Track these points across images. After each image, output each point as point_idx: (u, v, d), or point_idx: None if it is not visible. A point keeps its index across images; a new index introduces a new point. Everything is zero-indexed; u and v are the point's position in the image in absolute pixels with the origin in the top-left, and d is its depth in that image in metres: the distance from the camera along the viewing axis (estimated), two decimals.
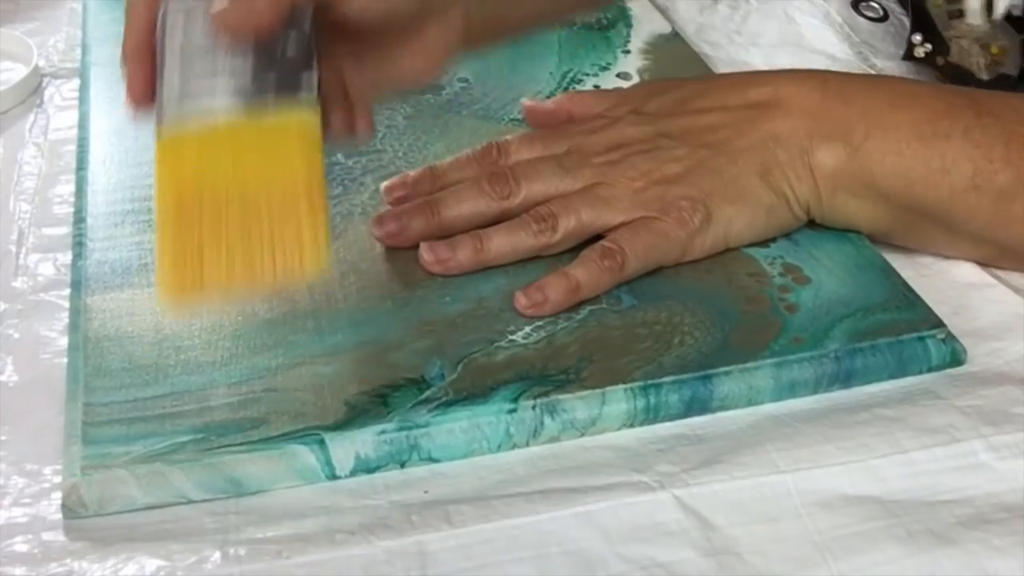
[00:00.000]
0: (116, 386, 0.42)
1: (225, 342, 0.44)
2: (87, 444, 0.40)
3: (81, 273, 0.47)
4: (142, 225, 0.50)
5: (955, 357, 0.45)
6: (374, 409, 0.41)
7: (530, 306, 0.45)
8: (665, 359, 0.44)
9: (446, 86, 0.61)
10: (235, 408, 0.41)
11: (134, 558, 0.38)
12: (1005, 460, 0.41)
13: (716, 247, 0.49)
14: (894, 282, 0.48)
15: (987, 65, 0.58)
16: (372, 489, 0.40)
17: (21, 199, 0.55)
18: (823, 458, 0.41)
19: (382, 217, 0.49)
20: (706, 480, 0.40)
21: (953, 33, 0.59)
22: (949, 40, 0.60)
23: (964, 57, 0.59)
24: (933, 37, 0.60)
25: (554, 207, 0.48)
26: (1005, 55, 0.57)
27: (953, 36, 0.59)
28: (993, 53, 0.57)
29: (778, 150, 0.49)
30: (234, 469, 0.40)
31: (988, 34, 0.58)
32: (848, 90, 0.49)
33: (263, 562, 0.37)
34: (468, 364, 0.43)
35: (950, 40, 0.59)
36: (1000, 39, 0.58)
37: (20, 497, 0.40)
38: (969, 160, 0.47)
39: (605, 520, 0.39)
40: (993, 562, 0.37)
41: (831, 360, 0.44)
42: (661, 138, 0.50)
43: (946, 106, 0.48)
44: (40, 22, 0.70)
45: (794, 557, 0.38)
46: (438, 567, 0.37)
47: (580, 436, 0.42)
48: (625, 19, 0.69)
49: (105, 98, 0.60)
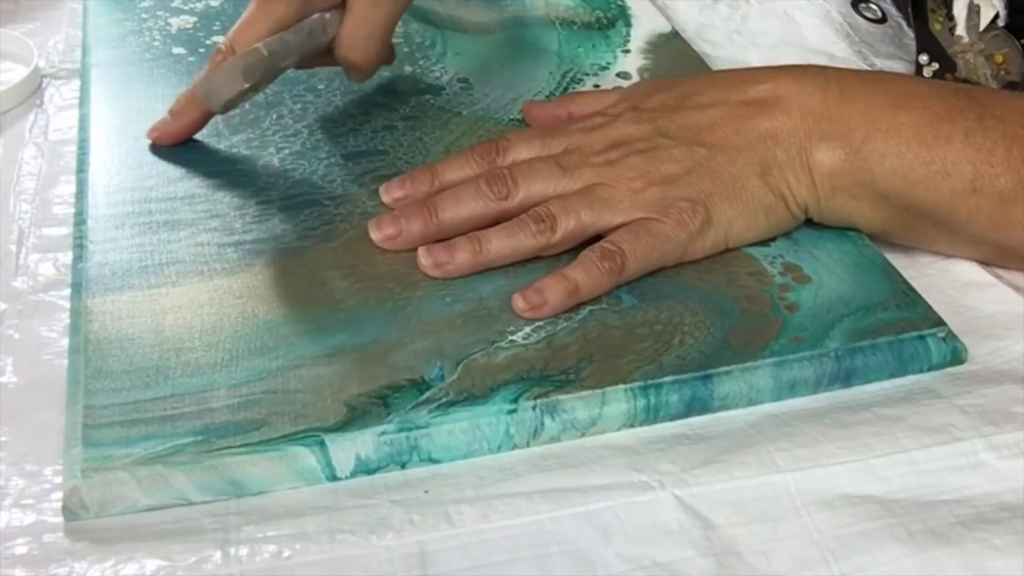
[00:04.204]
0: (117, 388, 0.42)
1: (225, 344, 0.44)
2: (88, 446, 0.40)
3: (82, 275, 0.47)
4: (142, 227, 0.50)
5: (956, 356, 0.45)
6: (374, 410, 0.41)
7: (529, 309, 0.45)
8: (665, 359, 0.44)
9: (446, 86, 0.61)
10: (235, 410, 0.41)
11: (134, 558, 0.38)
12: (1006, 460, 0.41)
13: (716, 248, 0.48)
14: (894, 281, 0.48)
15: (994, 75, 0.58)
16: (372, 489, 0.40)
17: (21, 199, 0.55)
18: (823, 457, 0.41)
19: (380, 220, 0.49)
20: (706, 480, 0.40)
21: (957, 49, 0.59)
22: (954, 56, 0.60)
23: (971, 71, 0.59)
24: (939, 55, 0.60)
25: (553, 208, 0.48)
26: (1010, 63, 0.57)
27: (957, 52, 0.59)
28: (998, 63, 0.57)
29: (777, 149, 0.49)
30: (235, 471, 0.40)
31: (991, 44, 0.58)
32: (849, 89, 0.49)
33: (263, 562, 0.37)
34: (468, 365, 0.43)
35: (955, 56, 0.60)
36: (1003, 47, 0.58)
37: (20, 498, 0.40)
38: (970, 163, 0.47)
39: (605, 520, 0.39)
40: (993, 562, 0.37)
41: (831, 359, 0.44)
42: (659, 137, 0.50)
43: (947, 108, 0.48)
44: (40, 22, 0.70)
45: (794, 557, 0.38)
46: (438, 567, 0.37)
47: (580, 436, 0.42)
48: (625, 18, 0.69)
49: (106, 100, 0.60)
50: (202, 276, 0.48)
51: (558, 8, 0.70)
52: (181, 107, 0.55)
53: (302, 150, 0.56)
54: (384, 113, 0.59)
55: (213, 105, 0.54)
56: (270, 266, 0.48)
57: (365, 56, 0.56)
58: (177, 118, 0.55)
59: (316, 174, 0.54)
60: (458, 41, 0.66)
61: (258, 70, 0.53)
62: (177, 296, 0.46)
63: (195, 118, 0.55)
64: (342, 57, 0.56)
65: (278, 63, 0.54)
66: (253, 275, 0.48)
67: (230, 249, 0.49)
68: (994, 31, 0.58)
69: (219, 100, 0.53)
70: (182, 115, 0.55)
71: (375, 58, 0.56)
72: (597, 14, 0.69)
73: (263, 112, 0.59)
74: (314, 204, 0.52)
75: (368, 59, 0.56)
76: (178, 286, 0.47)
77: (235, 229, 0.50)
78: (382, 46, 0.56)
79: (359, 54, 0.55)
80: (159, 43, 0.65)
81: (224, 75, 0.53)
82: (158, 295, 0.46)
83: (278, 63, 0.54)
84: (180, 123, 0.55)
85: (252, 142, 0.56)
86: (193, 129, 0.56)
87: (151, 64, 0.63)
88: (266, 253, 0.49)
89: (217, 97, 0.53)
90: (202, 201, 0.52)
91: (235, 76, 0.52)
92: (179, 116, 0.55)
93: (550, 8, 0.70)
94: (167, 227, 0.50)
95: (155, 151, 0.55)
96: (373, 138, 0.57)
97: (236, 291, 0.47)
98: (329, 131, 0.57)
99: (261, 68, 0.53)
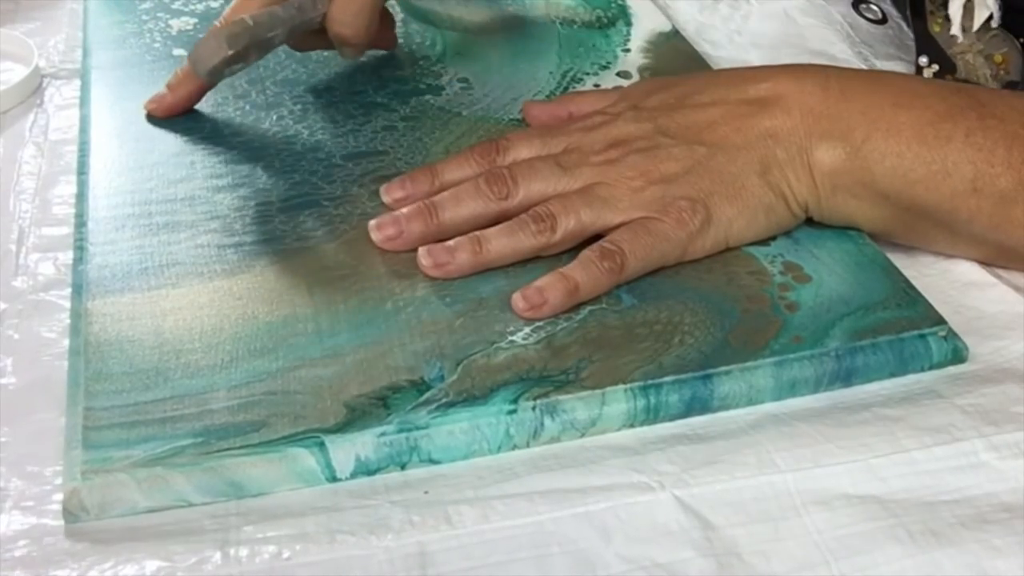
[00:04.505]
0: (117, 390, 0.42)
1: (225, 345, 0.44)
2: (88, 448, 0.40)
3: (82, 277, 0.47)
4: (143, 229, 0.50)
5: (957, 354, 0.45)
6: (374, 411, 0.41)
7: (528, 308, 0.45)
8: (665, 359, 0.43)
9: (446, 86, 0.61)
10: (235, 411, 0.41)
11: (134, 559, 0.38)
12: (1006, 460, 0.41)
13: (716, 247, 0.48)
14: (895, 279, 0.48)
15: (994, 76, 0.58)
16: (372, 490, 0.40)
17: (21, 199, 0.55)
18: (823, 458, 0.41)
19: (381, 221, 0.49)
20: (706, 480, 0.40)
21: (956, 50, 0.59)
22: (954, 57, 0.60)
23: (971, 71, 0.59)
24: (939, 57, 0.60)
25: (553, 207, 0.48)
26: (1009, 63, 0.57)
27: (957, 53, 0.59)
28: (997, 63, 0.57)
29: (777, 148, 0.49)
30: (235, 472, 0.40)
31: (989, 44, 0.58)
32: (849, 88, 0.49)
33: (263, 563, 0.37)
34: (468, 365, 0.43)
35: (955, 57, 0.60)
36: (1001, 47, 0.58)
37: (21, 500, 0.40)
38: (970, 163, 0.47)
39: (605, 520, 0.39)
40: (993, 562, 0.37)
41: (832, 358, 0.44)
42: (659, 135, 0.50)
43: (948, 107, 0.48)
44: (40, 23, 0.70)
45: (794, 557, 0.38)
46: (438, 568, 0.37)
47: (580, 436, 0.42)
48: (625, 17, 0.69)
49: (107, 102, 0.60)
50: (202, 278, 0.48)
51: (558, 7, 0.70)
52: (177, 81, 0.58)
53: (302, 151, 0.56)
54: (384, 113, 0.59)
55: (199, 72, 0.55)
56: (270, 267, 0.48)
57: (355, 31, 0.57)
58: (174, 91, 0.58)
59: (316, 175, 0.54)
60: (458, 41, 0.66)
61: (243, 38, 0.54)
62: (177, 298, 0.46)
63: (190, 90, 0.58)
64: (333, 33, 0.58)
65: (264, 33, 0.55)
66: (253, 276, 0.48)
67: (230, 251, 0.49)
68: (992, 31, 0.58)
69: (204, 67, 0.54)
70: (178, 88, 0.58)
71: (364, 33, 0.58)
72: (597, 13, 0.69)
73: (263, 113, 0.59)
74: (314, 205, 0.52)
75: (358, 34, 0.58)
76: (178, 288, 0.47)
77: (235, 230, 0.50)
78: (371, 21, 0.58)
79: (349, 29, 0.57)
80: (160, 44, 0.65)
81: (209, 42, 0.54)
82: (158, 297, 0.46)
83: (264, 33, 0.55)
84: (176, 96, 0.58)
85: (252, 143, 0.56)
86: (189, 102, 0.58)
87: (151, 66, 0.63)
88: (266, 254, 0.49)
89: (203, 64, 0.54)
90: (202, 203, 0.52)
91: (219, 43, 0.54)
92: (175, 89, 0.58)
93: (550, 7, 0.70)
94: (167, 229, 0.50)
95: (155, 153, 0.55)
96: (373, 139, 0.57)
97: (236, 293, 0.47)
98: (329, 132, 0.57)
99: (246, 36, 0.54)
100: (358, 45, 0.59)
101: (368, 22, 0.58)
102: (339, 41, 0.58)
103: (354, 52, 0.59)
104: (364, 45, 0.59)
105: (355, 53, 0.60)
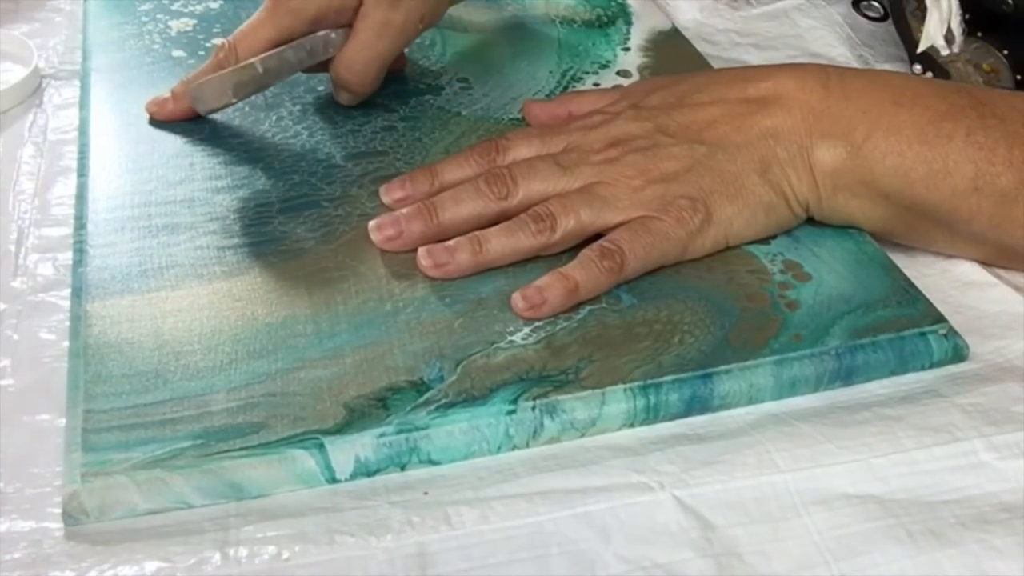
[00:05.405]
0: (116, 392, 0.42)
1: (224, 347, 0.44)
2: (87, 451, 0.40)
3: (82, 279, 0.47)
4: (142, 231, 0.50)
5: (957, 352, 0.45)
6: (373, 412, 0.41)
7: (528, 308, 0.45)
8: (665, 358, 0.43)
9: (445, 86, 0.61)
10: (235, 413, 0.41)
11: (134, 560, 0.38)
12: (1006, 460, 0.41)
13: (716, 246, 0.48)
14: (895, 278, 0.48)
15: (986, 83, 0.59)
16: (372, 490, 0.40)
17: (20, 199, 0.55)
18: (824, 457, 0.41)
19: (380, 222, 0.49)
20: (706, 480, 0.40)
21: (947, 59, 0.59)
22: (946, 65, 0.60)
23: (963, 79, 0.60)
24: (932, 66, 0.61)
25: (553, 207, 0.48)
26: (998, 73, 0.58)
27: (948, 61, 0.59)
28: (986, 71, 0.58)
29: (777, 147, 0.49)
30: (234, 474, 0.40)
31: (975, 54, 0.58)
32: (850, 87, 0.49)
33: (262, 563, 0.37)
34: (467, 365, 0.43)
35: (947, 65, 0.60)
36: (987, 57, 0.58)
37: (20, 502, 0.40)
38: (971, 162, 0.47)
39: (605, 520, 0.39)
40: (993, 562, 0.37)
41: (832, 357, 0.44)
42: (659, 135, 0.50)
43: (949, 106, 0.48)
44: (40, 23, 0.70)
45: (794, 557, 0.38)
46: (437, 568, 0.37)
47: (580, 436, 0.42)
48: (625, 16, 0.69)
49: (106, 103, 0.60)
50: (201, 279, 0.48)
51: (558, 6, 0.70)
52: (179, 94, 0.58)
53: (301, 151, 0.56)
54: (384, 113, 0.59)
55: (199, 109, 0.57)
56: (269, 269, 0.48)
57: (360, 80, 0.57)
58: (177, 102, 0.58)
59: (316, 175, 0.54)
60: (458, 41, 0.66)
61: (249, 87, 0.55)
62: (176, 300, 0.46)
63: (188, 108, 0.58)
64: (337, 75, 0.57)
65: (271, 81, 0.56)
66: (252, 278, 0.48)
67: (229, 252, 0.49)
68: (975, 43, 0.58)
69: (205, 107, 0.56)
70: (179, 101, 0.58)
71: (368, 85, 0.58)
72: (597, 12, 0.69)
73: (263, 114, 0.59)
74: (313, 206, 0.52)
75: (362, 84, 0.57)
76: (177, 290, 0.47)
77: (234, 232, 0.50)
78: (378, 75, 0.58)
79: (355, 77, 0.57)
80: (159, 46, 0.65)
81: (216, 86, 0.55)
82: (157, 299, 0.46)
83: (271, 81, 0.56)
84: (177, 108, 0.58)
85: (251, 144, 0.56)
86: (191, 113, 0.58)
87: (151, 67, 0.63)
88: (265, 256, 0.49)
89: (204, 103, 0.56)
90: (201, 204, 0.52)
91: (225, 89, 0.55)
92: (178, 101, 0.58)
93: (550, 6, 0.70)
94: (167, 231, 0.50)
95: (155, 154, 0.55)
96: (373, 139, 0.57)
97: (235, 294, 0.47)
98: (328, 132, 0.57)
99: (253, 86, 0.55)
100: (357, 93, 0.58)
101: (377, 74, 0.57)
102: (341, 84, 0.57)
103: (350, 99, 0.58)
104: (365, 96, 0.58)
105: (351, 100, 0.59)
